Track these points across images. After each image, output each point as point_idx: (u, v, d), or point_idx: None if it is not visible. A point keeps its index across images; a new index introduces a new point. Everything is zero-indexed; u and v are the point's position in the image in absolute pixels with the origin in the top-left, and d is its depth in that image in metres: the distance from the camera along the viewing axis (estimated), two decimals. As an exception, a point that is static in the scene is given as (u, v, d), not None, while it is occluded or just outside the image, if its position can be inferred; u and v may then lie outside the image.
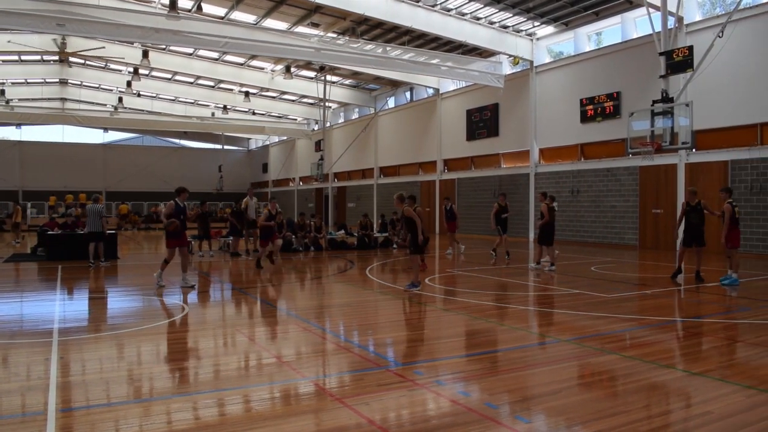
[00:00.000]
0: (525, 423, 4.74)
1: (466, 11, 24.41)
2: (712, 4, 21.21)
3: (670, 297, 11.55)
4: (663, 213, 21.48)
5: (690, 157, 20.47)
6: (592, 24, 24.69)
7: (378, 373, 6.10)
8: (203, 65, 33.06)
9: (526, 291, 12.49)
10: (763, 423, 4.63)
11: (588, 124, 24.25)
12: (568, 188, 25.11)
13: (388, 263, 17.94)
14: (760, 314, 9.46)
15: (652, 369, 6.22)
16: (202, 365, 6.56)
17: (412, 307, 10.37)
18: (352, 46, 24.42)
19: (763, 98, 18.46)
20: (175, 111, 43.54)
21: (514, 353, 7.12)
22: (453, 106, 32.34)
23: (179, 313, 9.57)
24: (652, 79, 18.87)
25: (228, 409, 5.21)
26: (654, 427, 4.67)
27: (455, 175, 31.90)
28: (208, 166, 54.22)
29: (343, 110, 44.87)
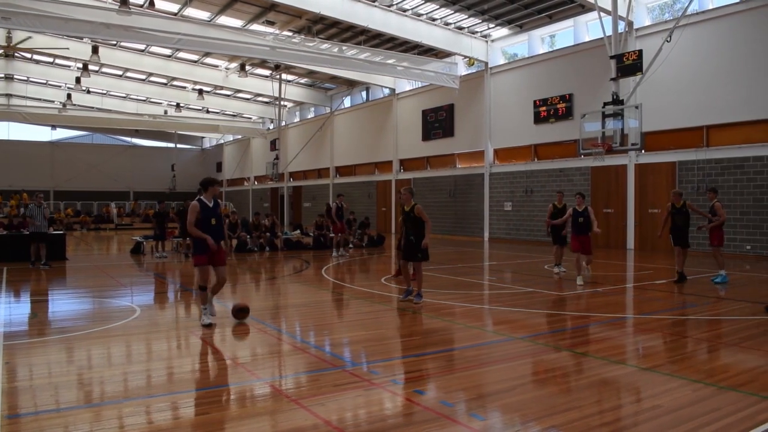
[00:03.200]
0: (480, 420, 4.78)
1: (422, 12, 24.53)
2: (660, 9, 21.78)
3: (620, 294, 11.82)
4: (614, 213, 21.96)
5: (639, 158, 20.99)
6: (545, 27, 25.10)
7: (334, 373, 6.07)
8: (155, 62, 32.42)
9: (482, 290, 12.61)
10: (709, 415, 4.77)
11: (541, 125, 24.64)
12: (522, 188, 25.47)
13: (343, 263, 17.90)
14: (707, 310, 9.76)
15: (603, 365, 6.35)
16: (154, 368, 6.42)
17: (369, 307, 10.36)
18: (308, 45, 24.29)
19: (709, 101, 19.05)
20: (127, 108, 42.58)
21: (470, 351, 7.18)
22: (409, 107, 32.47)
23: (131, 315, 9.36)
24: (604, 82, 19.29)
25: (182, 412, 5.11)
26: (606, 421, 4.76)
27: (411, 175, 32.03)
28: (160, 165, 53.18)
29: (299, 109, 44.62)
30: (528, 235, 25.13)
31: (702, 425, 4.57)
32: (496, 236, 26.62)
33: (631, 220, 21.35)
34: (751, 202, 18.06)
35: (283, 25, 26.08)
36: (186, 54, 31.80)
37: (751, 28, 18.20)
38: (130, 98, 42.09)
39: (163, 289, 13.00)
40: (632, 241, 21.33)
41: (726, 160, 18.68)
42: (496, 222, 26.86)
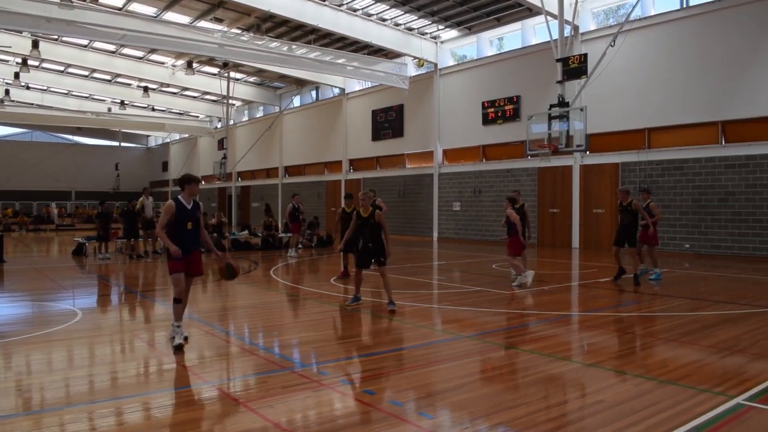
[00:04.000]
0: (429, 419, 4.81)
1: (372, 12, 24.55)
2: (605, 14, 22.35)
3: (566, 292, 12.07)
4: (559, 212, 22.43)
5: (584, 159, 21.49)
6: (494, 29, 25.45)
7: (283, 374, 6.02)
8: (99, 58, 31.51)
9: (431, 289, 12.69)
10: (650, 409, 4.91)
11: (489, 127, 24.97)
12: (471, 188, 25.75)
13: (291, 264, 17.78)
14: (647, 307, 10.05)
15: (549, 362, 6.47)
16: (97, 373, 6.24)
17: (318, 308, 10.32)
18: (257, 43, 24.05)
19: (651, 105, 19.66)
20: (68, 105, 41.29)
21: (419, 351, 7.22)
22: (359, 106, 32.47)
23: (72, 318, 9.08)
24: (550, 84, 19.67)
25: (126, 417, 4.98)
26: (552, 416, 4.85)
27: (361, 174, 32.04)
28: (104, 163, 51.77)
29: (248, 108, 44.12)
30: (476, 234, 25.43)
31: (643, 418, 4.70)
32: (445, 236, 26.85)
33: (576, 220, 21.84)
34: (689, 202, 18.69)
35: (231, 23, 25.73)
36: (131, 50, 31.02)
37: (689, 35, 18.86)
38: (72, 95, 40.86)
39: (106, 291, 12.67)
40: (577, 240, 21.82)
41: (666, 162, 19.29)
42: (445, 222, 27.10)
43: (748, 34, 17.54)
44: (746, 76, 17.61)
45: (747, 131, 17.69)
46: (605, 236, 20.56)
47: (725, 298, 10.82)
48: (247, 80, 37.47)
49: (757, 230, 17.33)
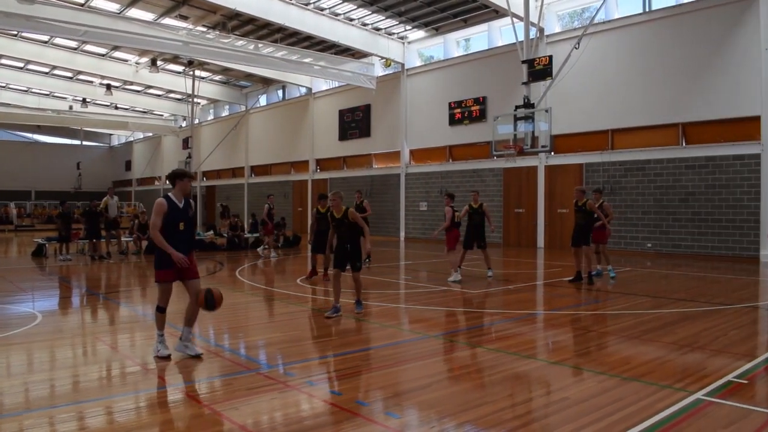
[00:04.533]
0: (396, 419, 4.81)
1: (339, 11, 24.50)
2: (570, 17, 22.66)
3: (531, 291, 12.20)
4: (524, 212, 22.66)
5: (549, 160, 21.75)
6: (460, 30, 25.61)
7: (249, 376, 5.97)
8: (60, 54, 30.83)
9: (398, 289, 12.71)
10: (613, 405, 4.99)
11: (456, 127, 25.12)
12: (437, 188, 25.86)
13: (259, 264, 17.65)
14: (609, 306, 10.21)
15: (514, 360, 6.53)
16: (58, 377, 6.10)
17: (285, 308, 10.26)
18: (223, 42, 23.81)
19: (614, 107, 20.00)
20: (28, 103, 40.29)
21: (385, 350, 7.22)
22: (325, 106, 32.38)
23: (32, 321, 8.87)
24: (516, 86, 19.85)
25: (89, 422, 4.87)
26: (518, 414, 4.90)
27: (327, 174, 31.95)
28: (65, 163, 50.71)
29: (213, 107, 43.67)
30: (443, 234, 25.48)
31: (606, 415, 4.77)
32: (412, 236, 26.92)
33: (541, 220, 22.10)
34: (651, 202, 19.06)
35: (197, 20, 25.43)
36: (93, 47, 30.45)
37: (652, 38, 19.23)
38: (32, 92, 39.89)
39: (67, 293, 12.41)
40: (542, 240, 22.08)
41: (629, 163, 19.64)
42: (411, 222, 27.17)
43: (708, 38, 17.96)
44: (705, 79, 18.02)
45: (706, 133, 18.12)
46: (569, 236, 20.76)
47: (685, 296, 11.06)
48: (212, 79, 37.07)
49: (716, 230, 17.74)
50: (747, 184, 17.15)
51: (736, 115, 17.44)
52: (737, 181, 17.36)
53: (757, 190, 16.94)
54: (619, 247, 19.28)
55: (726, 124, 17.70)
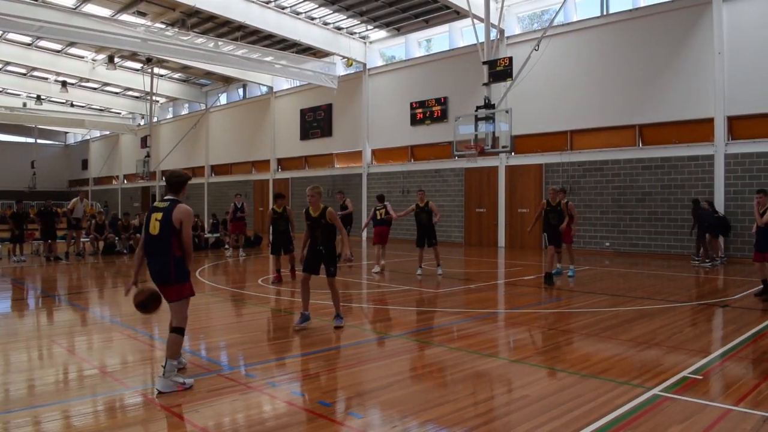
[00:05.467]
0: (358, 418, 4.80)
1: (300, 10, 24.34)
2: (530, 19, 22.92)
3: (492, 290, 12.30)
4: (485, 212, 22.85)
5: (510, 160, 21.97)
6: (422, 31, 25.68)
7: (209, 378, 5.89)
8: (13, 50, 29.95)
9: (359, 289, 12.70)
10: (573, 402, 5.06)
11: (417, 127, 25.20)
12: (399, 188, 25.91)
13: (219, 264, 17.44)
14: (570, 304, 10.36)
15: (476, 359, 6.57)
16: (13, 381, 5.92)
17: (245, 309, 10.15)
18: (182, 39, 23.43)
19: (573, 108, 20.31)
20: (-21, 100, 39.21)
21: (347, 350, 7.20)
22: (287, 105, 32.16)
23: (-18, 322, 8.61)
24: (477, 86, 19.99)
25: (45, 427, 4.75)
26: (479, 412, 4.93)
27: (289, 174, 31.74)
28: (18, 161, 49.23)
29: (172, 105, 42.99)
30: (404, 234, 25.59)
31: (566, 411, 4.84)
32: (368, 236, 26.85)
33: (502, 219, 22.31)
34: (609, 202, 19.40)
35: (155, 17, 25.00)
36: (48, 43, 29.67)
37: (610, 41, 19.59)
38: (-17, 88, 38.80)
39: (21, 295, 12.08)
40: (503, 239, 22.30)
41: (588, 163, 19.96)
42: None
43: (663, 41, 18.37)
44: (661, 81, 18.43)
45: (662, 134, 18.54)
46: (529, 235, 21.12)
47: (643, 294, 11.28)
48: (171, 76, 36.47)
49: (672, 229, 18.15)
50: (701, 185, 17.59)
51: (691, 117, 17.88)
52: (692, 182, 17.79)
53: (710, 190, 17.39)
54: (578, 246, 19.55)
55: (681, 125, 18.14)
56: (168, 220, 5.70)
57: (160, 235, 5.70)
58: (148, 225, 5.81)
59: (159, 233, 5.70)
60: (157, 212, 5.79)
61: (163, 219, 5.72)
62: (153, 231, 5.74)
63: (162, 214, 5.75)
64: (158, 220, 5.74)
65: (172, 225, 5.70)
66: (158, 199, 4.69)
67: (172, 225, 5.70)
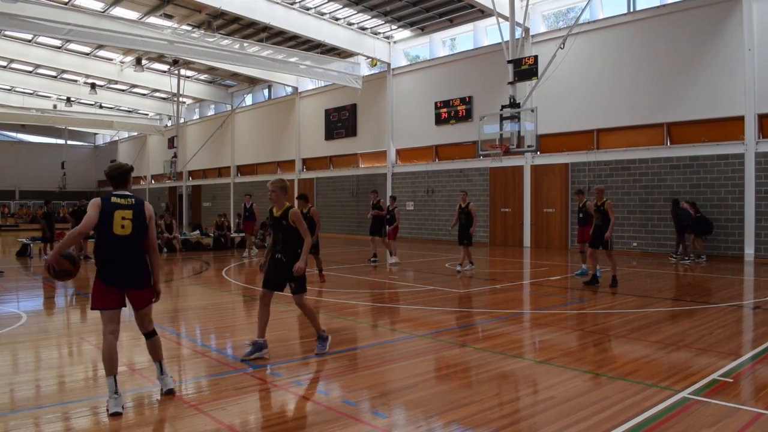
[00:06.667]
0: (383, 418, 4.80)
1: (324, 11, 24.44)
2: (555, 17, 22.76)
3: (517, 291, 12.23)
4: (511, 212, 22.73)
5: (535, 160, 21.84)
6: (446, 30, 25.63)
7: (236, 376, 5.94)
8: (44, 53, 30.53)
9: (384, 288, 12.70)
10: (600, 404, 5.01)
11: (442, 127, 25.15)
12: (424, 188, 25.89)
13: (245, 264, 17.57)
14: (597, 304, 10.26)
15: (501, 359, 6.54)
16: (44, 377, 6.04)
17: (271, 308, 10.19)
18: (208, 41, 23.66)
19: (599, 106, 20.10)
20: (11, 102, 39.89)
21: (372, 350, 7.21)
22: (312, 106, 32.30)
23: (16, 322, 8.78)
24: (502, 86, 19.90)
25: (75, 422, 4.84)
26: (505, 413, 4.91)
27: (314, 174, 31.89)
28: (49, 162, 50.27)
29: (199, 106, 43.45)
30: (429, 234, 25.58)
31: (593, 413, 4.79)
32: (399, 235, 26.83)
33: (527, 219, 22.17)
34: (637, 202, 19.18)
35: (181, 19, 25.29)
36: (77, 45, 30.19)
37: (637, 38, 19.36)
38: (16, 91, 39.48)
39: (52, 293, 12.29)
40: (528, 239, 22.16)
41: (614, 162, 19.75)
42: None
43: (692, 38, 18.10)
44: (689, 78, 18.16)
45: (691, 133, 18.27)
46: (555, 235, 20.97)
47: (671, 295, 11.14)
48: (198, 78, 36.87)
49: (700, 229, 17.87)
50: (731, 184, 17.31)
51: (720, 115, 17.60)
52: (721, 181, 17.51)
53: (740, 189, 17.11)
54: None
55: (710, 123, 17.85)
56: (142, 219, 5.25)
57: (132, 235, 5.17)
58: (110, 225, 5.09)
59: (132, 233, 5.16)
60: (123, 210, 5.16)
61: (136, 218, 5.20)
62: (123, 231, 5.12)
63: (132, 212, 5.20)
64: (128, 219, 5.15)
65: (145, 224, 5.28)
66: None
67: (145, 224, 5.28)
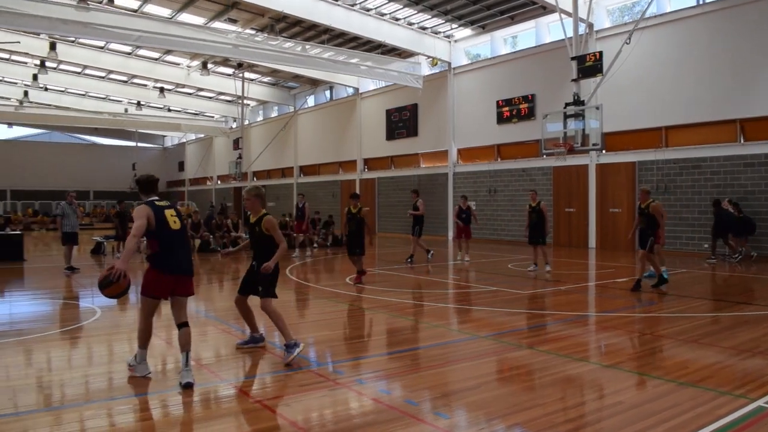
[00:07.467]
0: (445, 419, 4.79)
1: (385, 11, 24.53)
2: (620, 12, 22.17)
3: (582, 293, 11.98)
4: (575, 212, 22.28)
5: (600, 158, 21.33)
6: (508, 28, 25.34)
7: (299, 373, 6.03)
8: (115, 59, 31.78)
9: (445, 289, 12.66)
10: (669, 411, 4.85)
11: (504, 125, 24.86)
12: (486, 188, 25.67)
13: (308, 263, 17.81)
14: (666, 308, 9.95)
15: (566, 362, 6.42)
16: (116, 370, 6.28)
17: (333, 307, 10.32)
18: (271, 44, 24.10)
19: (667, 102, 19.46)
20: (85, 106, 41.65)
21: (434, 350, 7.19)
22: (373, 106, 32.47)
23: (91, 316, 9.15)
24: (565, 83, 19.54)
25: (145, 414, 5.02)
26: (569, 418, 4.81)
27: (375, 174, 32.04)
28: (121, 163, 52.24)
29: (262, 108, 44.28)
30: (492, 234, 25.34)
31: (662, 421, 4.64)
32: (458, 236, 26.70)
33: (592, 220, 21.68)
34: (708, 202, 18.45)
35: (245, 23, 25.83)
36: (146, 51, 31.27)
37: (706, 31, 18.66)
38: (89, 96, 41.21)
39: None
40: (594, 240, 21.66)
41: (684, 160, 19.10)
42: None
43: (765, 30, 17.31)
44: (764, 72, 17.37)
45: (765, 129, 17.46)
46: (622, 236, 20.40)
47: (745, 299, 10.70)
48: (261, 80, 37.60)
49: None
50: (810, 182, 16.50)
51: (798, 110, 16.79)
52: (799, 179, 16.72)
53: (820, 187, 16.29)
54: (674, 247, 18.74)
55: (787, 119, 17.05)
56: (180, 215, 6.00)
57: (182, 229, 5.98)
58: (166, 223, 5.78)
59: (181, 227, 5.95)
60: (168, 209, 5.90)
61: (178, 215, 5.96)
62: (176, 226, 5.87)
63: (173, 210, 5.96)
64: (175, 216, 5.90)
65: (182, 220, 6.02)
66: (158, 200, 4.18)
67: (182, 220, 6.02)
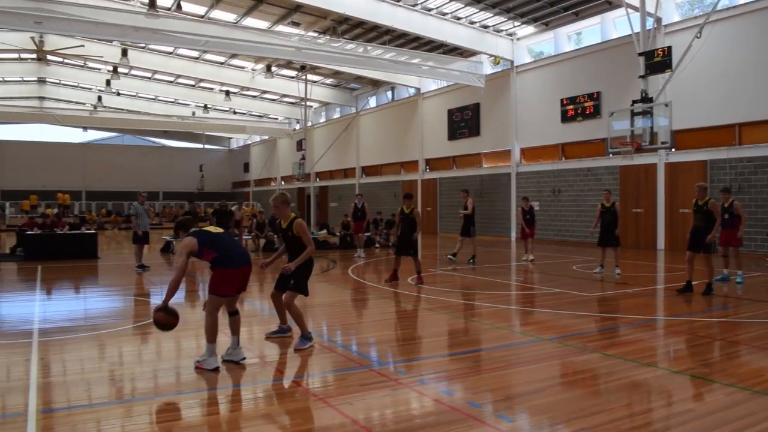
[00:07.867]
0: (508, 422, 4.75)
1: (446, 11, 24.44)
2: (690, 5, 21.44)
3: (650, 296, 11.66)
4: (643, 212, 21.67)
5: (669, 157, 20.67)
6: (572, 24, 24.84)
7: (361, 372, 6.08)
8: (183, 64, 32.80)
9: (508, 290, 12.53)
10: (743, 421, 4.68)
11: (568, 124, 24.39)
12: (550, 188, 25.25)
13: (370, 263, 17.92)
14: (740, 312, 9.58)
15: (633, 367, 6.25)
16: (184, 366, 6.48)
17: (395, 307, 10.36)
18: (333, 46, 24.36)
19: (741, 99, 18.67)
20: (155, 110, 43.15)
21: (497, 352, 7.13)
22: (434, 106, 32.39)
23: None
24: (632, 80, 19.01)
25: (211, 409, 5.16)
26: (636, 425, 4.69)
27: (437, 174, 31.96)
28: (188, 165, 53.87)
29: (325, 109, 44.77)
30: (555, 235, 24.91)
31: (736, 430, 4.48)
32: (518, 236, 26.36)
33: (661, 220, 21.02)
34: (784, 201, 17.67)
35: (308, 26, 26.19)
36: (213, 56, 32.14)
37: (784, 23, 17.82)
38: (159, 100, 42.66)
39: (193, 287, 13.12)
40: (662, 242, 21.00)
41: (759, 159, 18.28)
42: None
43: None
44: None
45: None
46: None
47: (825, 303, 10.19)
48: (324, 82, 38.05)
49: None
50: None
51: None
52: None
53: None
54: (749, 250, 17.97)
55: None
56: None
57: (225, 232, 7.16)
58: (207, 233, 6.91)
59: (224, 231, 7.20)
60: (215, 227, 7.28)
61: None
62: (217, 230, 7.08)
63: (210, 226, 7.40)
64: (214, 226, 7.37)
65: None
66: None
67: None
